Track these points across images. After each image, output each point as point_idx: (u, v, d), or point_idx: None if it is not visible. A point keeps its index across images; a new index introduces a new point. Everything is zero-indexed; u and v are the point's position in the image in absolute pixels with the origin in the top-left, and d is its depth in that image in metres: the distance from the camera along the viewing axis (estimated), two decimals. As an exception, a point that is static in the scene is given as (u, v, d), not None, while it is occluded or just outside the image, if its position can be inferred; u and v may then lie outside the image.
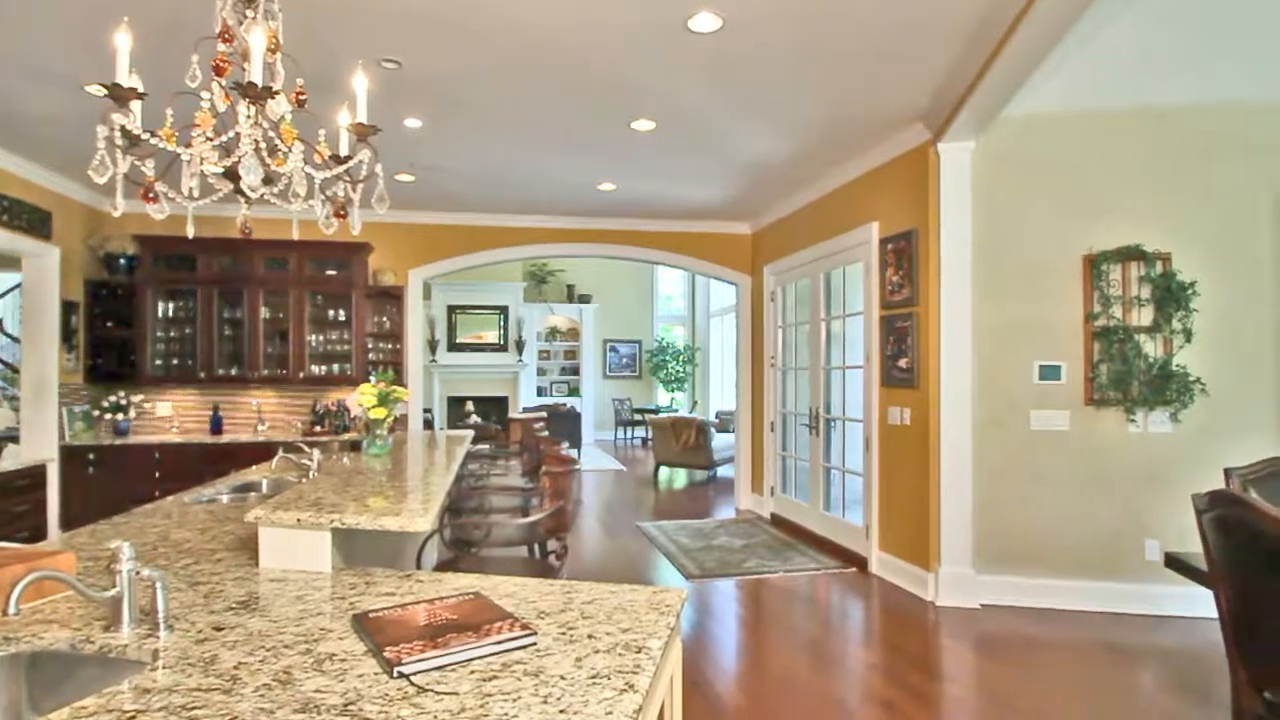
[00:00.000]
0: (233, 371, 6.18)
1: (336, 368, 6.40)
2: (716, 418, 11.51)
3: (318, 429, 6.27)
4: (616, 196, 6.25)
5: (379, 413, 3.29)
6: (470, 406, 12.05)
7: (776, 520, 6.57)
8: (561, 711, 1.07)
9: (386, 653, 1.23)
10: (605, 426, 14.12)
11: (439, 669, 1.22)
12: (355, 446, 5.61)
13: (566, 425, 11.18)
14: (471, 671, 1.21)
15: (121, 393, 5.95)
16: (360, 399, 3.30)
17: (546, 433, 9.43)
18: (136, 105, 1.89)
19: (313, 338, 6.34)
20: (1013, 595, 4.21)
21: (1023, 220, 4.25)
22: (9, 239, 4.94)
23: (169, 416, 6.27)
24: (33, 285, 5.43)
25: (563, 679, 1.19)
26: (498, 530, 3.16)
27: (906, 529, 4.63)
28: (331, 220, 2.46)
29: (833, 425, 5.82)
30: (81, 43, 3.32)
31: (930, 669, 3.40)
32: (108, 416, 5.87)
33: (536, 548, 3.39)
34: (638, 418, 13.56)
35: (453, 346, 12.44)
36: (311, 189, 2.32)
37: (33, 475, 5.13)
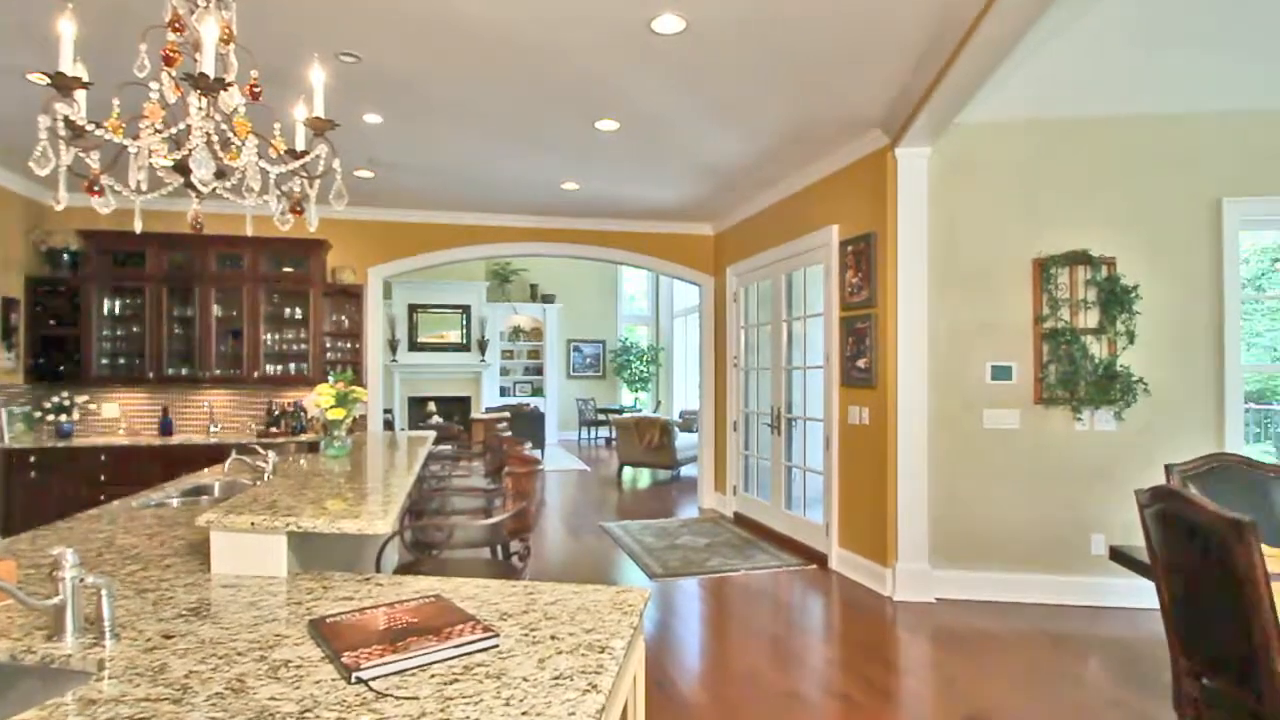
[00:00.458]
0: (183, 371, 6.00)
1: (293, 367, 6.25)
2: (680, 417, 11.57)
3: (273, 430, 6.11)
4: (580, 196, 6.24)
5: (337, 413, 3.22)
6: (432, 407, 11.90)
7: (739, 519, 6.63)
8: (524, 714, 1.07)
9: (344, 658, 1.21)
10: (569, 427, 14.06)
11: (399, 673, 1.20)
12: (313, 448, 5.49)
13: (530, 425, 11.11)
14: (432, 675, 1.20)
15: (65, 393, 5.73)
16: (318, 399, 3.23)
17: (509, 433, 9.35)
18: (81, 95, 1.83)
19: (268, 336, 6.18)
20: (966, 589, 4.33)
21: (976, 224, 4.37)
22: (-59, 232, 4.72)
23: (116, 418, 6.06)
24: (-32, 281, 5.19)
25: (525, 681, 1.18)
26: (460, 532, 3.13)
27: (865, 526, 4.72)
28: (287, 216, 2.41)
29: (794, 425, 5.90)
30: (22, 29, 3.19)
31: (888, 663, 3.48)
32: (50, 418, 5.64)
33: (499, 549, 3.37)
34: (602, 418, 13.55)
35: (414, 346, 12.25)
36: (266, 184, 2.26)
37: (-33, 480, 4.90)
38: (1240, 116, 4.16)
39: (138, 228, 2.25)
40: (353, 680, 1.16)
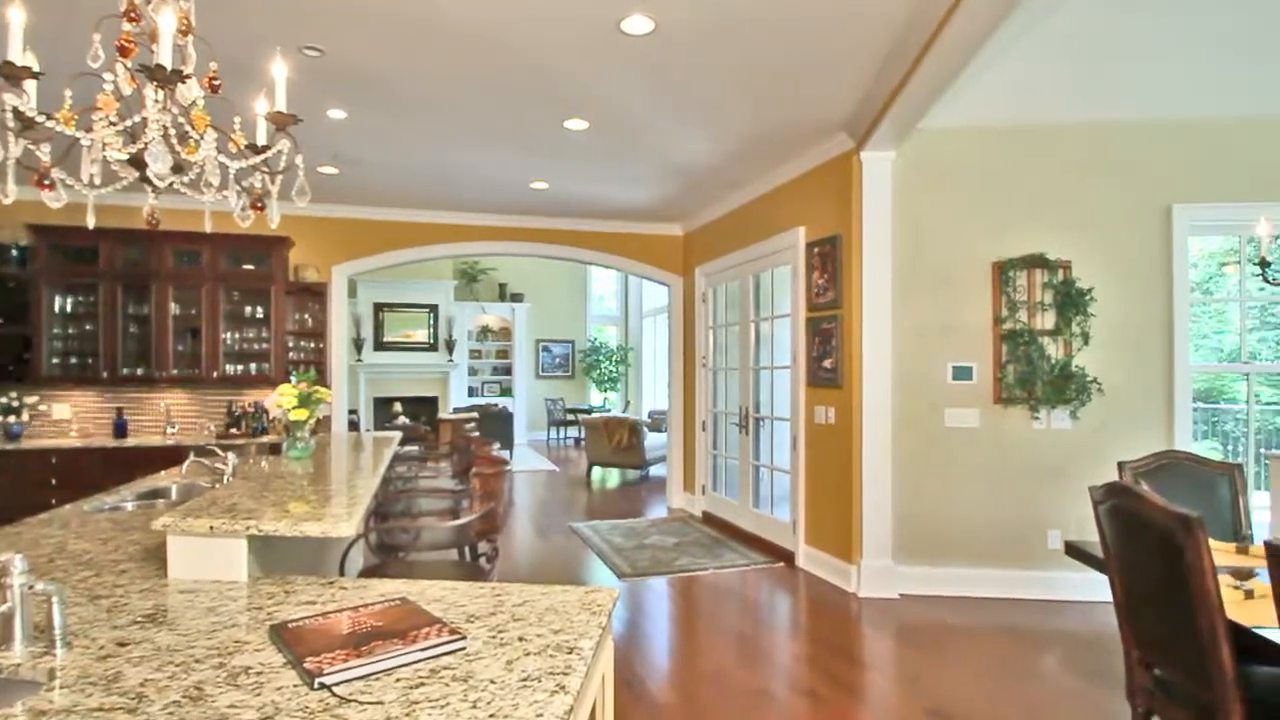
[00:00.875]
0: (139, 371, 5.82)
1: (254, 367, 6.11)
2: (649, 417, 11.59)
3: (233, 432, 5.97)
4: (549, 195, 6.21)
5: (300, 414, 3.16)
6: (398, 407, 11.73)
7: (708, 518, 6.67)
8: (491, 716, 1.06)
9: (307, 663, 1.19)
10: (538, 427, 13.99)
11: (363, 678, 1.18)
12: (275, 450, 5.38)
13: (498, 426, 11.02)
14: (397, 680, 1.18)
15: (13, 394, 5.52)
16: (279, 400, 3.16)
17: (477, 433, 9.27)
18: (31, 85, 1.76)
19: (228, 335, 6.04)
20: (929, 585, 4.41)
21: (939, 227, 4.46)
22: (-122, 226, 4.51)
23: (67, 419, 5.85)
24: (-93, 277, 4.97)
25: (493, 683, 1.18)
26: (426, 533, 3.10)
27: (831, 524, 4.78)
28: (248, 213, 2.36)
29: (762, 424, 5.95)
30: (-35, 15, 3.06)
31: (853, 658, 3.53)
32: (-4, 419, 5.43)
33: (467, 551, 3.34)
34: (571, 418, 13.50)
35: (380, 345, 12.07)
36: (225, 179, 2.21)
37: (-94, 484, 4.70)
38: (1189, 125, 4.31)
39: (90, 223, 2.18)
40: (315, 686, 1.14)
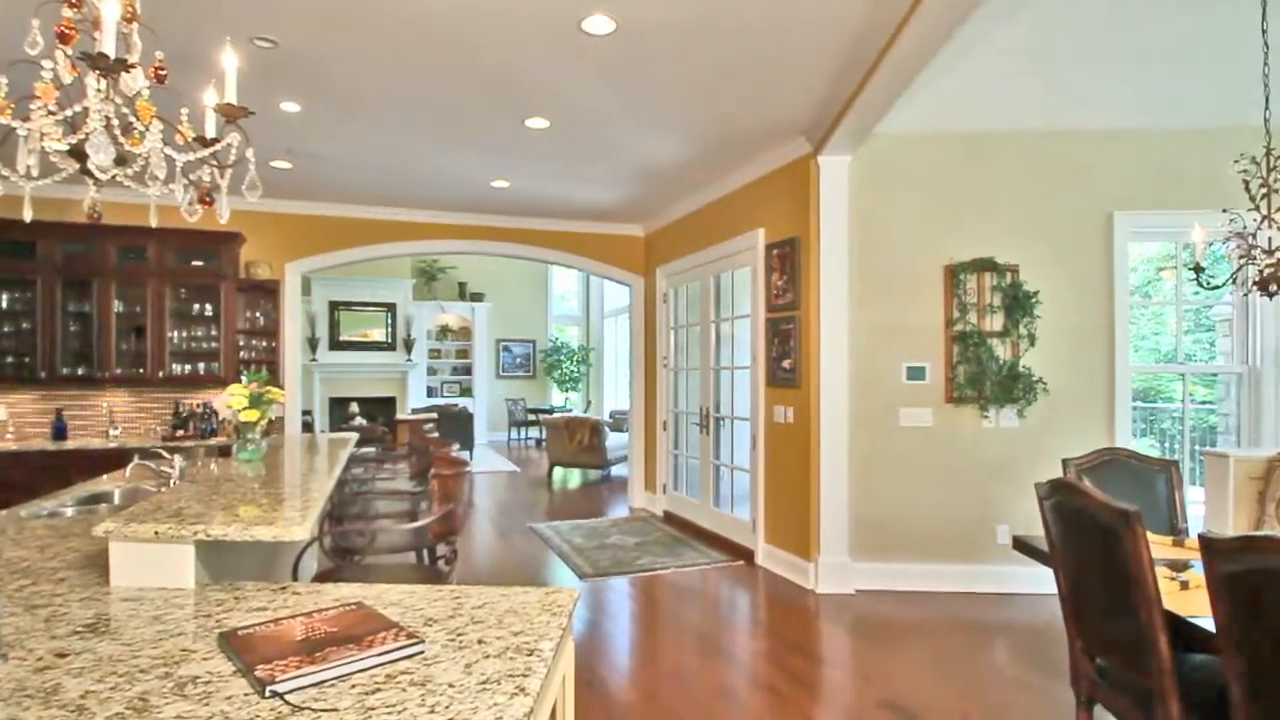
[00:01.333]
0: (80, 371, 5.59)
1: (203, 367, 5.93)
2: (611, 417, 11.58)
3: (180, 433, 5.78)
4: (510, 194, 6.16)
5: (251, 415, 3.08)
6: (354, 408, 11.49)
7: (669, 517, 6.70)
8: None
9: (258, 671, 1.16)
10: (499, 427, 13.86)
11: (317, 685, 1.16)
12: (225, 452, 5.22)
13: (458, 426, 10.88)
14: (353, 686, 1.16)
15: (-61, 395, 5.25)
16: (229, 400, 3.07)
17: (436, 434, 9.14)
18: (-40, 72, 1.68)
19: (175, 334, 5.84)
20: (884, 580, 4.51)
21: (893, 230, 4.56)
22: None
23: (3, 421, 5.59)
24: None
25: (451, 686, 1.16)
26: (383, 536, 3.05)
27: (790, 522, 4.85)
28: (195, 207, 2.29)
29: (722, 424, 6.01)
30: (-112, -5, 2.90)
31: (810, 653, 3.59)
32: (-79, 422, 5.16)
33: (425, 553, 3.30)
34: (532, 418, 13.41)
35: (335, 345, 11.80)
36: (172, 172, 2.14)
37: None
38: (1130, 135, 4.49)
39: (27, 216, 2.09)
40: (267, 694, 1.12)
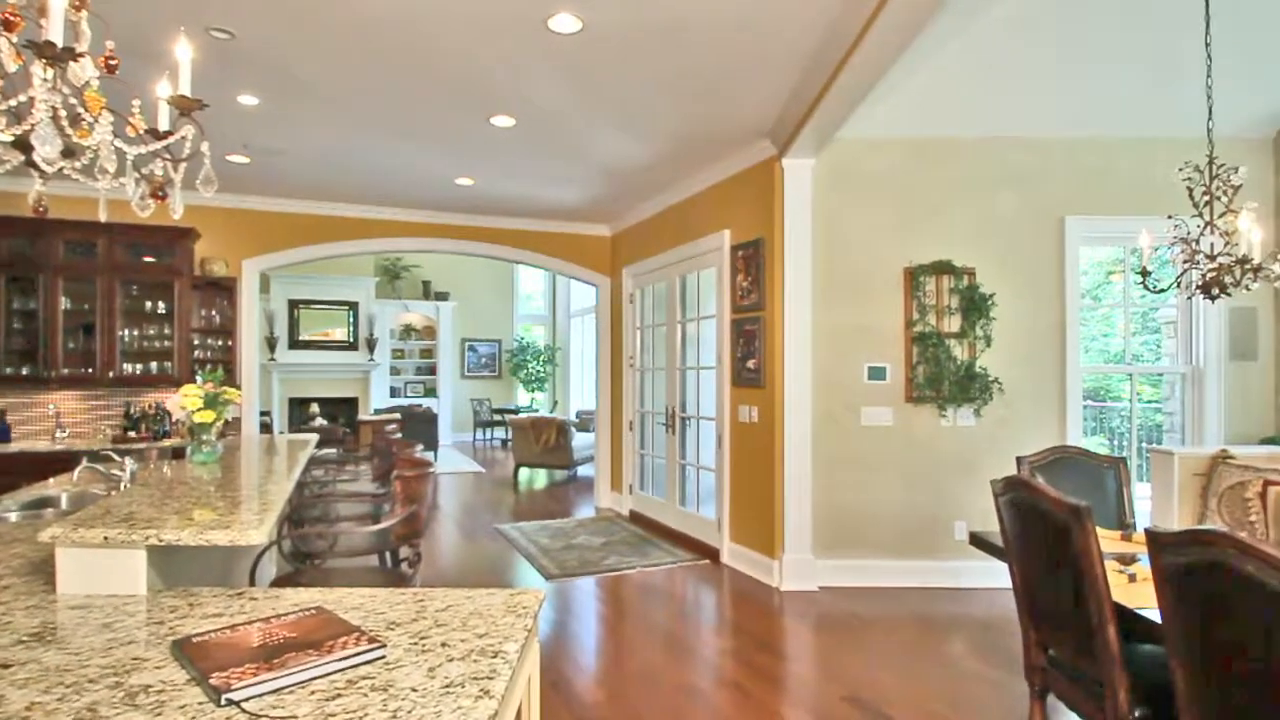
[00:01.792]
0: (24, 370, 5.37)
1: (155, 366, 5.75)
2: (577, 417, 11.55)
3: (132, 435, 5.59)
4: (475, 192, 6.10)
5: (206, 416, 3.00)
6: (315, 409, 11.27)
7: (635, 517, 6.71)
8: (411, 724, 1.04)
9: (213, 679, 1.13)
10: (464, 428, 13.72)
11: (275, 692, 1.14)
12: (178, 454, 5.07)
13: (422, 427, 10.73)
14: (312, 692, 1.14)
15: None
16: (183, 401, 2.99)
17: (400, 435, 9.01)
18: (-107, 58, 1.60)
19: (126, 332, 5.65)
20: (846, 577, 4.58)
21: (855, 233, 4.64)
22: None
23: (-64, 423, 5.34)
24: None
25: (414, 691, 1.15)
26: (344, 539, 3.00)
27: (755, 520, 4.90)
28: (148, 202, 2.22)
29: (688, 424, 6.04)
30: None
31: (775, 650, 3.63)
32: None
33: (388, 556, 3.25)
34: (497, 418, 13.30)
35: (295, 344, 11.55)
36: (123, 166, 2.08)
37: None
38: (1082, 143, 4.64)
39: (-34, 210, 2.00)
40: (223, 703, 1.09)
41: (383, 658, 1.28)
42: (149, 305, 5.74)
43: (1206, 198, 2.97)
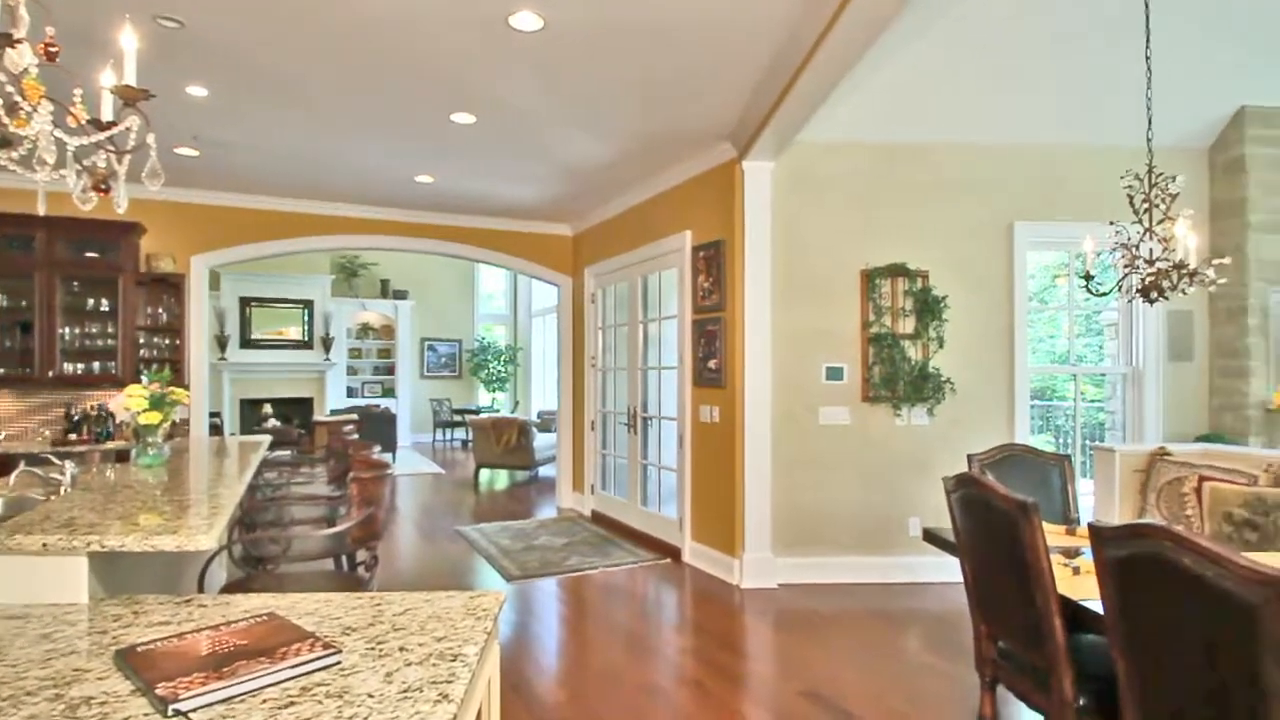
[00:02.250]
0: (-48, 370, 5.12)
1: (98, 366, 5.53)
2: (538, 418, 11.48)
3: (73, 438, 5.37)
4: (435, 189, 6.02)
5: (151, 417, 2.90)
6: (268, 409, 10.97)
7: (597, 517, 6.70)
8: (368, 730, 1.03)
9: (159, 689, 1.10)
10: (423, 429, 13.52)
11: (224, 701, 1.11)
12: (123, 457, 4.89)
13: (380, 428, 10.55)
14: (264, 701, 1.12)
15: None
16: (127, 402, 2.88)
17: (357, 436, 8.84)
18: None
19: (66, 330, 5.43)
20: (805, 574, 4.65)
21: (814, 236, 4.71)
22: None
23: None
24: None
25: (370, 697, 1.13)
26: (298, 543, 2.93)
27: (716, 519, 4.94)
28: (90, 195, 2.14)
29: (650, 424, 6.05)
30: None
31: (735, 648, 3.67)
32: None
33: (345, 559, 3.19)
34: (457, 419, 13.14)
35: (247, 343, 11.22)
36: (63, 157, 2.00)
37: None
38: (1030, 150, 4.79)
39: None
40: (169, 714, 1.06)
41: (338, 663, 1.25)
42: (91, 302, 5.53)
43: (1146, 205, 3.09)
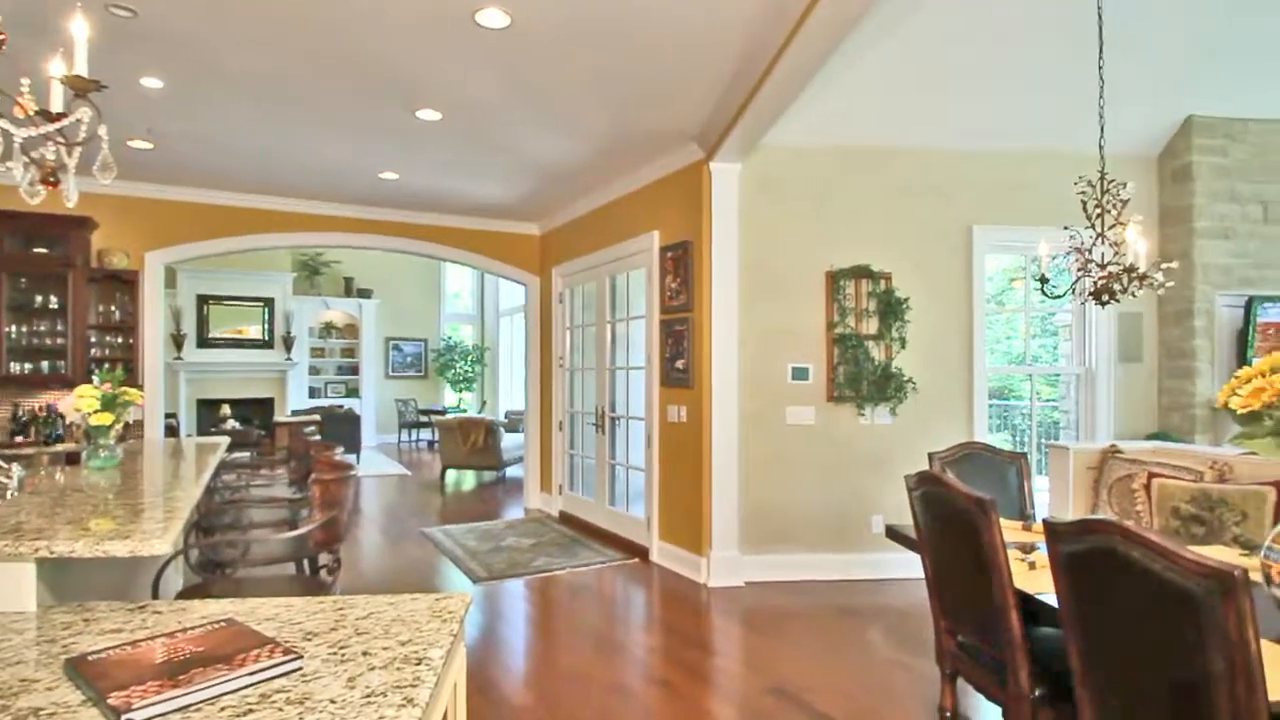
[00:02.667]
0: (-113, 370, 4.90)
1: (47, 365, 5.34)
2: (506, 418, 11.40)
3: (19, 440, 5.17)
4: (400, 186, 5.94)
5: (103, 418, 2.81)
6: (226, 410, 10.70)
7: (565, 518, 6.68)
8: (330, 736, 1.01)
9: (111, 699, 1.07)
10: (388, 429, 13.32)
11: (180, 710, 1.08)
12: (73, 459, 4.72)
13: (343, 429, 10.36)
14: (222, 709, 1.09)
15: None
16: (77, 402, 2.79)
17: (319, 437, 8.67)
18: None
19: (13, 329, 5.23)
20: (771, 571, 4.70)
21: (780, 237, 4.76)
22: None
23: None
24: None
25: (333, 703, 1.12)
26: (258, 547, 2.87)
27: (683, 518, 4.96)
28: (38, 188, 2.07)
29: (618, 424, 6.05)
30: None
31: (703, 646, 3.69)
32: None
33: (306, 563, 3.13)
34: (424, 419, 12.97)
35: (204, 342, 10.93)
36: (10, 149, 1.93)
37: None
38: (989, 156, 4.91)
39: None
40: (123, 723, 1.03)
41: (299, 669, 1.23)
42: (40, 299, 5.34)
43: (1098, 211, 3.19)
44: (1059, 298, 3.35)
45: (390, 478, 9.39)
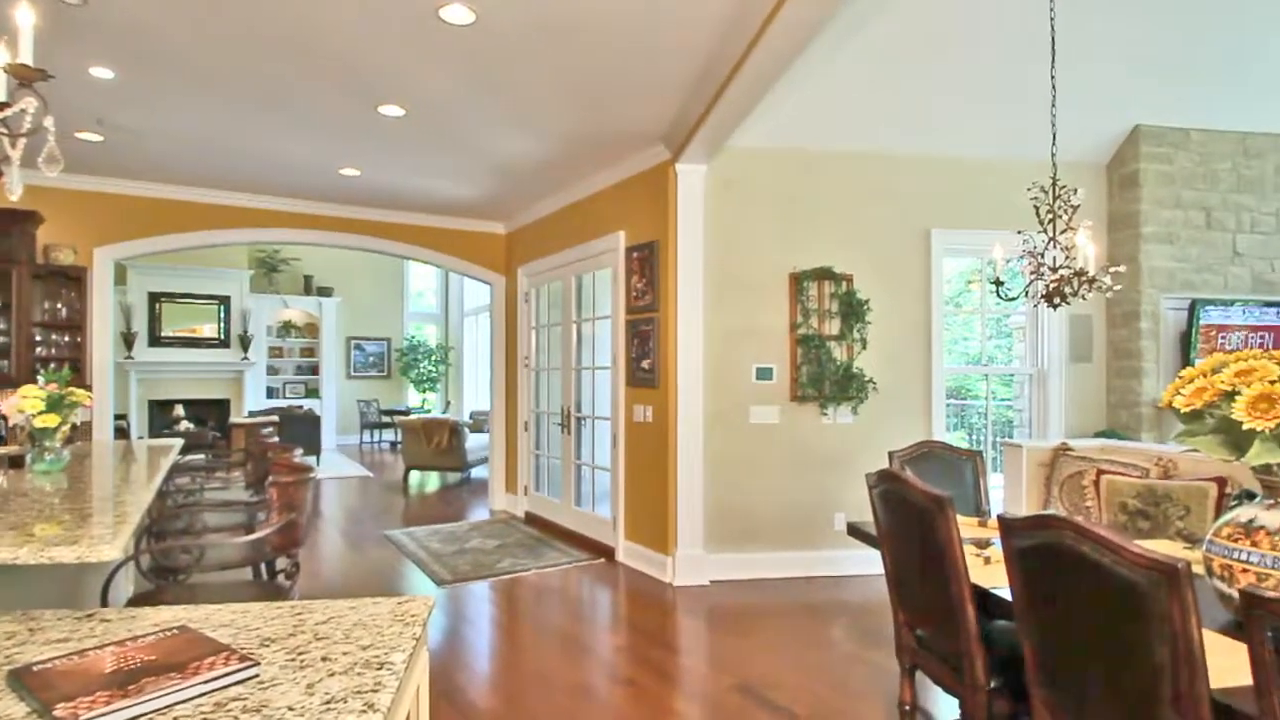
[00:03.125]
0: None
1: (-15, 365, 5.12)
2: (471, 418, 11.28)
3: (-46, 443, 4.95)
4: (361, 183, 5.84)
5: (49, 420, 2.71)
6: (180, 411, 10.40)
7: (530, 518, 6.64)
8: (288, 743, 0.99)
9: (57, 711, 1.03)
10: (350, 430, 13.07)
11: (132, 720, 1.05)
12: (17, 463, 4.54)
13: (303, 430, 10.14)
14: (175, 719, 1.06)
15: None
16: (21, 404, 2.69)
17: (277, 439, 8.48)
18: None
19: (-53, 327, 5.00)
20: (735, 570, 4.75)
21: (745, 238, 4.81)
22: None
23: None
24: None
25: (291, 710, 1.09)
26: (212, 552, 2.79)
27: (649, 518, 4.98)
28: (-21, 182, 1.98)
29: (583, 424, 6.04)
30: None
31: (668, 645, 3.71)
32: None
33: (264, 568, 3.06)
34: (386, 420, 12.77)
35: (156, 341, 10.60)
36: (-52, 141, 1.85)
37: None
38: (947, 161, 5.02)
39: None
40: (70, 735, 1.00)
41: (256, 676, 1.20)
42: (-22, 297, 5.11)
43: (1050, 216, 3.29)
44: (1013, 300, 3.45)
45: (352, 479, 9.22)
